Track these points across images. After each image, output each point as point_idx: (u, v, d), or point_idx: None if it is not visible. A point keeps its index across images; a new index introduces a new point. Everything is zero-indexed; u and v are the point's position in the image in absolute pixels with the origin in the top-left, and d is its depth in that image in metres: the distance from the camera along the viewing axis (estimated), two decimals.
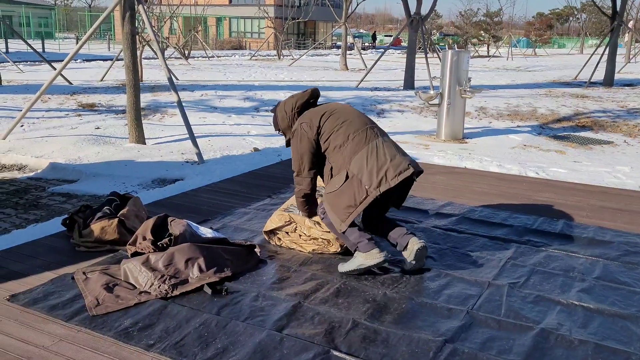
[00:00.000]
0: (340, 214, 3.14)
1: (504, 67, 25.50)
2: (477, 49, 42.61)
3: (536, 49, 45.53)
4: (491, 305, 2.89)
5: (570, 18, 63.77)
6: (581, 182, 5.68)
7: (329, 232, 3.43)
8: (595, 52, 18.25)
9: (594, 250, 3.65)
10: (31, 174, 5.84)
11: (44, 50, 26.54)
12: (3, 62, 17.85)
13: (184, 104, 6.95)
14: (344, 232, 3.20)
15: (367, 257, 3.14)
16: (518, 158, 6.99)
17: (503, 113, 10.64)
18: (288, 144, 3.49)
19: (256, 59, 27.86)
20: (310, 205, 3.48)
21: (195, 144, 6.42)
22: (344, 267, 3.21)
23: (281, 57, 29.31)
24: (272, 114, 3.54)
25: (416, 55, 15.39)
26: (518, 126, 9.40)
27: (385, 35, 61.41)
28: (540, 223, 4.17)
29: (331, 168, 3.28)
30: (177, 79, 15.21)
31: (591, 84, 16.31)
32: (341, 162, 3.18)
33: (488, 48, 43.79)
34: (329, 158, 3.28)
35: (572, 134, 8.91)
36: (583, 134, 8.92)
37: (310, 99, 3.45)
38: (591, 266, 3.40)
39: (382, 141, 3.21)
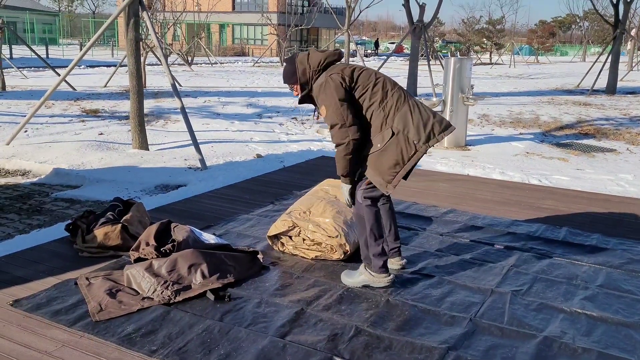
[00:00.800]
0: (386, 174, 2.96)
1: (507, 75, 25.53)
2: (479, 56, 42.66)
3: (538, 57, 45.57)
4: (494, 312, 2.88)
5: (573, 26, 63.84)
6: (584, 189, 5.67)
7: (333, 237, 3.43)
8: (598, 60, 18.27)
9: (597, 258, 3.64)
10: (35, 180, 5.86)
11: (48, 56, 26.64)
12: (7, 68, 17.90)
13: (187, 110, 6.97)
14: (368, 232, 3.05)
15: (374, 280, 3.11)
16: (521, 165, 6.99)
17: (506, 120, 10.65)
18: (302, 100, 3.19)
19: (259, 66, 27.94)
20: (353, 162, 3.04)
21: (198, 150, 6.44)
22: (347, 281, 3.18)
23: (284, 63, 29.37)
24: (285, 65, 3.18)
25: (419, 63, 15.42)
26: (521, 133, 9.40)
27: (390, 43, 61.48)
28: (543, 231, 4.17)
29: (367, 128, 3.03)
30: (181, 86, 15.26)
31: (594, 91, 16.32)
32: (382, 120, 2.98)
33: (490, 55, 43.84)
34: (366, 115, 3.03)
35: (574, 141, 8.91)
36: (586, 141, 8.91)
37: (338, 59, 3.15)
38: (594, 274, 3.40)
39: (417, 100, 3.13)
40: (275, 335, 2.59)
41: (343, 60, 3.24)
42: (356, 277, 3.17)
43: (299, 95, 3.16)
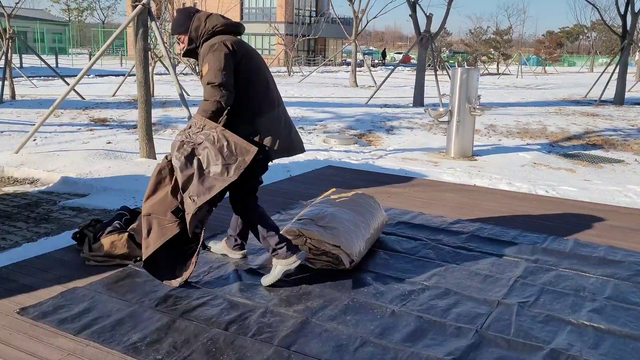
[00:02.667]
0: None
1: (514, 85, 25.51)
2: (486, 66, 42.68)
3: (546, 67, 45.55)
4: (500, 324, 2.87)
5: (580, 36, 63.81)
6: (592, 201, 5.65)
7: (339, 246, 3.42)
8: (606, 71, 18.23)
9: (605, 270, 3.62)
10: (43, 188, 5.90)
11: (57, 66, 26.89)
12: (17, 77, 18.08)
13: None
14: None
15: (288, 262, 3.21)
16: (528, 176, 6.97)
17: (513, 131, 10.63)
18: (187, 53, 3.18)
19: None
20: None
21: None
22: (268, 280, 3.24)
23: (291, 73, 29.50)
24: (178, 14, 3.18)
25: (426, 73, 15.45)
26: (528, 144, 9.38)
27: (396, 53, 61.58)
28: (550, 242, 4.15)
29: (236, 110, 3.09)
30: (188, 95, 15.34)
31: (601, 102, 16.27)
32: (248, 113, 3.09)
33: (498, 66, 43.86)
34: (237, 100, 3.07)
35: (582, 152, 8.88)
36: (593, 152, 8.88)
37: (236, 31, 3.19)
38: (602, 286, 3.37)
39: (285, 111, 3.32)
40: (280, 345, 2.59)
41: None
42: (274, 271, 3.24)
43: (184, 48, 3.18)
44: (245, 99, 3.10)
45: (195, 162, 2.99)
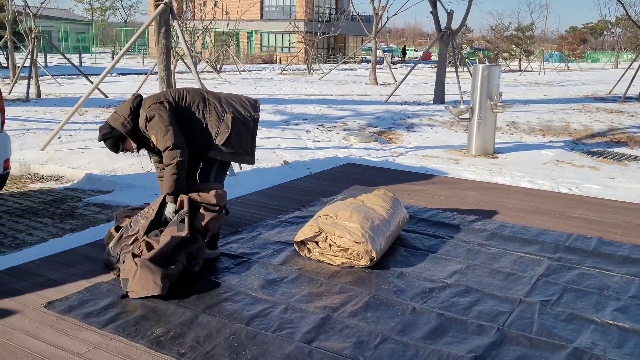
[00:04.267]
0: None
1: (536, 82, 25.19)
2: (508, 63, 42.18)
3: (569, 64, 44.87)
4: (523, 322, 2.85)
5: (605, 32, 62.72)
6: (616, 198, 5.56)
7: (359, 242, 3.43)
8: (631, 67, 17.90)
9: (629, 269, 3.57)
10: (68, 185, 6.00)
11: (81, 64, 27.27)
12: (42, 76, 18.40)
13: None
14: None
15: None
16: (550, 174, 6.89)
17: (535, 128, 10.51)
18: (141, 146, 3.50)
19: (286, 73, 28.12)
20: (180, 181, 3.39)
21: None
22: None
23: (311, 71, 29.52)
24: (105, 137, 3.44)
25: (446, 70, 15.33)
26: (550, 141, 9.26)
27: (413, 50, 61.14)
28: (574, 240, 4.10)
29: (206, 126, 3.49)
30: None
31: (626, 99, 15.98)
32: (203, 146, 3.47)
33: (520, 62, 43.32)
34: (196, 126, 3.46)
35: (606, 149, 8.74)
36: (618, 149, 8.74)
37: (140, 100, 3.51)
38: (626, 285, 3.33)
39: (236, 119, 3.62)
40: (302, 341, 2.61)
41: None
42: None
43: (138, 148, 3.48)
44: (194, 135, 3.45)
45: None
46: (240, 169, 6.54)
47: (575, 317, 2.92)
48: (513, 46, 44.81)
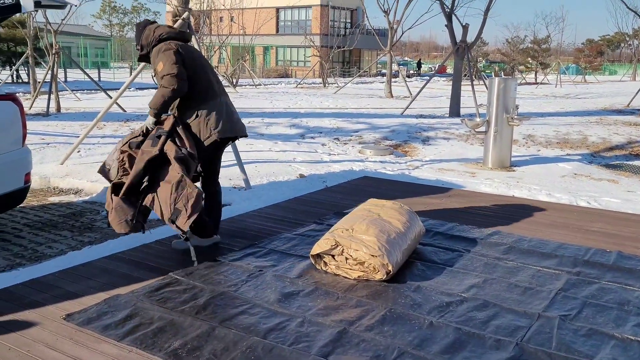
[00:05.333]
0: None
1: (553, 95, 25.03)
2: (524, 76, 41.99)
3: (586, 76, 44.54)
4: (541, 337, 2.82)
5: (622, 44, 62.24)
6: (635, 212, 5.49)
7: (376, 256, 3.43)
8: None
9: None
10: (86, 198, 6.08)
11: (99, 79, 27.70)
12: (62, 91, 18.71)
13: None
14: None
15: (203, 241, 4.02)
16: (568, 187, 6.83)
17: (552, 141, 10.43)
18: (141, 59, 3.93)
19: (302, 87, 28.27)
20: (167, 105, 3.69)
21: (242, 170, 6.55)
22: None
23: (326, 85, 29.66)
24: (137, 28, 3.88)
25: (462, 83, 15.32)
26: (568, 154, 9.19)
27: (422, 63, 61.08)
28: (593, 254, 4.06)
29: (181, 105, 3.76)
30: None
31: None
32: (191, 102, 3.73)
33: (536, 75, 43.10)
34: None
35: (625, 162, 8.65)
36: (637, 162, 8.64)
37: (182, 37, 3.85)
38: None
39: (228, 102, 3.93)
40: (318, 355, 2.60)
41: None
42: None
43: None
44: (190, 90, 3.70)
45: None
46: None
47: (595, 332, 2.88)
48: (529, 59, 44.64)
